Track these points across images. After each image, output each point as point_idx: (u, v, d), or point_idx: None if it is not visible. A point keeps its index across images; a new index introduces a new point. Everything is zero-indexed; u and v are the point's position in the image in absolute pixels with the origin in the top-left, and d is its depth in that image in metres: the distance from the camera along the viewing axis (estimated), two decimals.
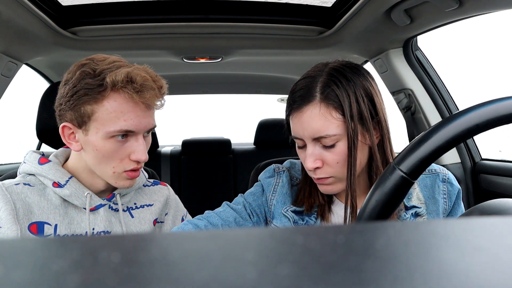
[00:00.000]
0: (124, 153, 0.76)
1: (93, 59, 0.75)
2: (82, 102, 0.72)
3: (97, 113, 0.72)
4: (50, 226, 0.78)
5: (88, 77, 0.72)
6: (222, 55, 1.77)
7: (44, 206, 0.78)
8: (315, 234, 0.18)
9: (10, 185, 0.77)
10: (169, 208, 0.96)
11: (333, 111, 0.70)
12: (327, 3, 1.46)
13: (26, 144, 2.35)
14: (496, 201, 0.45)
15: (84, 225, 0.80)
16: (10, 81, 1.54)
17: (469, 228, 0.20)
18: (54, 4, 1.36)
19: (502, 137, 2.67)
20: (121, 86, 0.71)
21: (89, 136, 0.74)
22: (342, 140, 0.71)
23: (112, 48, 1.62)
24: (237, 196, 0.88)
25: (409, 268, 0.14)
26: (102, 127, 0.73)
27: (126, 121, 0.73)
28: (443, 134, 0.40)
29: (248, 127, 2.87)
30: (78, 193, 0.80)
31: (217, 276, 0.14)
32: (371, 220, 0.42)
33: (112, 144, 0.74)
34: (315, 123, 0.70)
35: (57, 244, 0.18)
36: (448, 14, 1.15)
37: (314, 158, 0.72)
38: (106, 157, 0.75)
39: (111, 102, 0.72)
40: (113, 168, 0.76)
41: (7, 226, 0.73)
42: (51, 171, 0.80)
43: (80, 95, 0.72)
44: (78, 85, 0.72)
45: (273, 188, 0.83)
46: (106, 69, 0.73)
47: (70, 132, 0.77)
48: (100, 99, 0.72)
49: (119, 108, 0.72)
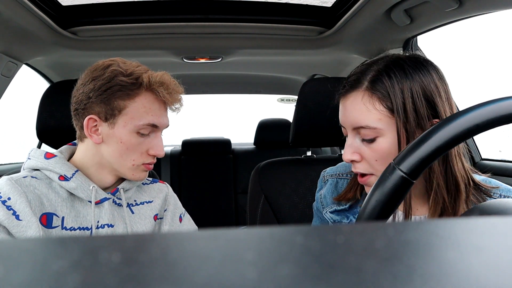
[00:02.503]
0: (144, 147, 0.83)
1: (116, 61, 0.83)
2: (115, 97, 0.79)
3: (128, 108, 0.80)
4: (58, 218, 0.79)
5: (121, 75, 0.80)
6: (222, 55, 1.77)
7: (52, 198, 0.80)
8: (315, 234, 0.18)
9: (18, 178, 0.79)
10: (168, 204, 0.98)
11: (376, 101, 0.66)
12: (327, 3, 1.46)
13: (26, 144, 2.35)
14: (496, 201, 0.45)
15: (90, 218, 0.82)
16: (10, 81, 1.54)
17: (469, 228, 0.20)
18: (54, 4, 1.36)
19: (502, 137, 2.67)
20: (156, 86, 0.81)
21: (115, 129, 0.81)
22: (384, 136, 0.66)
23: (112, 48, 1.62)
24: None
25: (409, 268, 0.14)
26: (131, 120, 0.80)
27: (153, 116, 0.82)
28: (443, 134, 0.40)
29: (248, 127, 2.87)
30: (84, 186, 0.82)
31: (217, 276, 0.14)
32: (371, 220, 0.42)
33: (136, 138, 0.81)
34: (356, 111, 0.67)
35: (57, 244, 0.18)
36: (448, 14, 1.15)
37: (352, 150, 0.69)
38: (129, 150, 0.81)
39: (143, 99, 0.81)
40: (133, 161, 0.83)
41: (27, 219, 0.74)
42: (58, 164, 0.82)
43: (114, 90, 0.79)
44: (112, 81, 0.79)
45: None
46: (136, 71, 0.82)
47: (93, 124, 0.82)
48: (132, 96, 0.80)
49: (149, 105, 0.81)
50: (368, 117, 0.66)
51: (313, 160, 1.20)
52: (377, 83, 0.66)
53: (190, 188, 2.42)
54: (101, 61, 0.84)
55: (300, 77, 2.26)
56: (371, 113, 0.66)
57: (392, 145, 0.66)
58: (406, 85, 0.65)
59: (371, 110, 0.66)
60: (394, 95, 0.64)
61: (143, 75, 0.81)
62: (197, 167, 2.47)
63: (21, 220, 0.74)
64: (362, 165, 0.69)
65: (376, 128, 0.65)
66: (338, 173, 0.85)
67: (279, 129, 2.40)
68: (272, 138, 2.41)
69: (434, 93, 0.65)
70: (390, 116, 0.65)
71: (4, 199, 0.75)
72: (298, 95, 1.16)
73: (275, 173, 1.15)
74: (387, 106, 0.65)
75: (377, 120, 0.65)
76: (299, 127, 1.13)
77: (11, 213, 0.74)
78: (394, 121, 0.65)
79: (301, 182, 1.12)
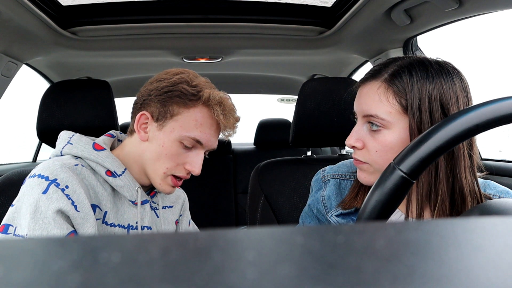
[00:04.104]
0: (182, 160, 0.82)
1: (188, 72, 0.84)
2: (173, 101, 0.80)
3: (181, 115, 0.80)
4: (101, 211, 0.77)
5: (185, 84, 0.81)
6: (222, 55, 1.77)
7: (99, 191, 0.77)
8: (315, 234, 0.18)
9: (71, 165, 0.74)
10: (184, 210, 1.01)
11: (391, 95, 0.67)
12: (327, 3, 1.46)
13: (26, 144, 2.35)
14: (496, 201, 0.45)
15: (127, 217, 0.81)
16: (10, 81, 1.54)
17: (469, 228, 0.20)
18: (54, 4, 1.36)
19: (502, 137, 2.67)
20: (211, 104, 0.81)
21: (162, 132, 0.80)
22: (390, 129, 0.67)
23: (112, 48, 1.62)
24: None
25: (409, 268, 0.14)
26: (179, 128, 0.80)
27: (201, 132, 0.81)
28: (443, 134, 0.40)
29: (248, 127, 2.87)
30: (130, 185, 0.81)
31: (217, 276, 0.14)
32: (371, 220, 0.42)
33: (177, 148, 0.80)
34: (369, 99, 0.69)
35: (57, 244, 0.18)
36: (448, 14, 1.15)
37: (357, 137, 0.71)
38: (167, 156, 0.80)
39: (197, 112, 0.80)
40: (166, 169, 0.81)
41: (85, 211, 0.70)
42: (108, 159, 0.79)
43: (173, 94, 0.80)
44: (175, 86, 0.80)
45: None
46: (201, 84, 0.82)
47: (144, 121, 0.82)
48: (189, 105, 0.80)
49: (201, 120, 0.81)
50: (379, 108, 0.67)
51: (313, 160, 1.20)
52: (396, 78, 0.67)
53: (190, 188, 2.42)
54: (176, 69, 0.85)
55: (300, 77, 2.26)
56: (383, 104, 0.67)
57: (395, 140, 0.67)
58: (425, 87, 0.65)
59: (384, 101, 0.67)
60: (411, 93, 0.65)
61: (205, 90, 0.81)
62: None
63: (79, 212, 0.70)
64: (362, 153, 0.71)
65: (384, 119, 0.67)
66: (340, 173, 0.85)
67: (279, 129, 2.40)
68: (272, 138, 2.41)
69: (451, 101, 0.65)
70: (401, 112, 0.66)
71: (63, 187, 0.69)
72: (298, 95, 1.16)
73: (275, 173, 1.15)
74: (400, 102, 0.66)
75: (387, 113, 0.67)
76: (299, 127, 1.13)
77: (71, 203, 0.69)
78: (404, 118, 0.66)
79: (301, 182, 1.12)
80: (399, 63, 0.69)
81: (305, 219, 0.88)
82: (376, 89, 0.68)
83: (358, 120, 0.72)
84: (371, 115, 0.68)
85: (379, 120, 0.67)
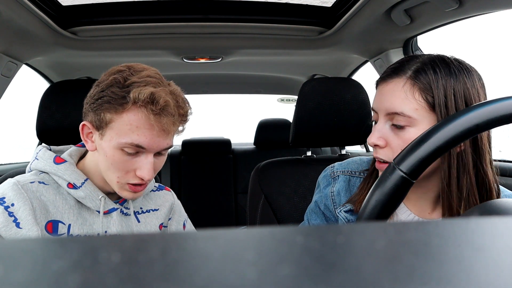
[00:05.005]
0: (130, 166, 0.76)
1: (130, 67, 0.76)
2: (104, 108, 0.73)
3: (114, 122, 0.73)
4: (64, 225, 0.77)
5: (116, 86, 0.73)
6: (222, 55, 1.77)
7: (59, 205, 0.78)
8: (315, 234, 0.18)
9: (26, 183, 0.76)
10: (173, 213, 0.97)
11: (417, 92, 0.66)
12: (327, 3, 1.46)
13: (26, 144, 2.35)
14: (496, 201, 0.45)
15: (97, 227, 0.80)
16: (10, 81, 1.54)
17: (469, 228, 0.20)
18: (54, 4, 1.36)
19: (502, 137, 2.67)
20: (141, 104, 0.71)
21: (103, 142, 0.76)
22: (415, 127, 0.66)
23: (112, 48, 1.62)
24: None
25: (409, 268, 0.14)
26: (116, 136, 0.73)
27: (139, 136, 0.73)
28: (443, 134, 0.40)
29: (248, 127, 2.87)
30: (92, 195, 0.80)
31: (217, 276, 0.14)
32: (371, 220, 0.42)
33: (120, 156, 0.74)
34: (394, 97, 0.68)
35: (57, 244, 0.18)
36: (448, 14, 1.15)
37: (379, 135, 0.70)
38: (113, 166, 0.76)
39: (130, 116, 0.72)
40: (118, 178, 0.77)
41: (28, 228, 0.72)
42: (67, 172, 0.79)
43: (103, 101, 0.73)
44: (105, 91, 0.74)
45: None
46: (135, 82, 0.73)
47: (88, 131, 0.79)
48: (120, 110, 0.72)
49: (136, 123, 0.72)
50: (405, 105, 0.67)
51: (313, 160, 1.20)
52: (421, 74, 0.67)
53: (190, 188, 2.42)
54: (118, 66, 0.77)
55: (300, 77, 2.26)
56: (409, 102, 0.66)
57: None
58: (449, 83, 0.65)
59: (410, 99, 0.67)
60: (437, 90, 0.65)
61: (134, 89, 0.71)
62: (197, 167, 2.47)
63: (21, 228, 0.72)
64: (384, 152, 0.70)
65: (410, 117, 0.66)
66: (350, 170, 0.84)
67: (279, 129, 2.40)
68: (272, 138, 2.41)
69: (474, 97, 0.66)
70: (427, 109, 0.66)
71: (8, 205, 0.73)
72: (298, 95, 1.16)
73: (275, 173, 1.15)
74: (426, 99, 0.66)
75: (413, 110, 0.66)
76: (299, 127, 1.13)
77: (12, 220, 0.72)
78: (429, 115, 0.66)
79: (301, 182, 1.12)
80: (421, 59, 0.69)
81: (310, 216, 0.88)
82: (402, 86, 0.68)
83: (380, 118, 0.71)
84: (397, 112, 0.67)
85: (405, 118, 0.67)
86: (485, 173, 0.66)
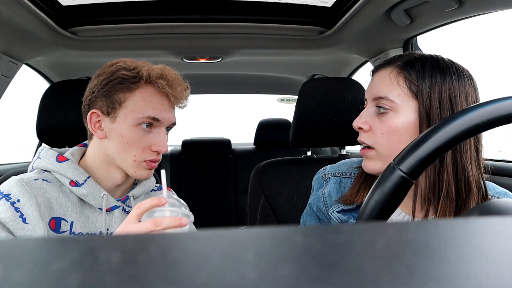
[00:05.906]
0: (146, 142, 0.81)
1: (124, 61, 0.83)
2: (116, 90, 0.80)
3: (128, 100, 0.80)
4: (66, 222, 0.78)
5: (123, 70, 0.80)
6: (222, 55, 1.77)
7: (62, 202, 0.79)
8: (315, 234, 0.18)
9: (29, 180, 0.78)
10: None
11: (401, 79, 0.70)
12: (327, 3, 1.46)
13: (26, 144, 2.35)
14: (496, 201, 0.45)
15: (99, 224, 0.82)
16: (10, 81, 1.54)
17: (469, 228, 0.20)
18: (54, 4, 1.36)
19: (502, 137, 2.67)
20: (155, 79, 0.80)
21: (116, 123, 0.80)
22: (397, 112, 0.70)
23: (112, 48, 1.62)
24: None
25: (409, 268, 0.14)
26: (131, 114, 0.79)
27: (154, 109, 0.80)
28: (443, 134, 0.40)
29: (248, 127, 2.87)
30: (94, 193, 0.81)
31: (217, 276, 0.14)
32: (371, 220, 0.42)
33: (137, 132, 0.80)
34: (380, 83, 0.72)
35: (57, 244, 0.18)
36: (448, 14, 1.15)
37: (364, 119, 0.73)
38: (130, 144, 0.80)
39: (143, 92, 0.80)
40: (134, 157, 0.81)
41: (34, 223, 0.73)
42: (70, 169, 0.81)
43: (114, 83, 0.80)
44: (114, 75, 0.80)
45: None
46: (140, 65, 0.81)
47: (97, 120, 0.82)
48: (133, 89, 0.80)
49: (149, 98, 0.80)
50: (389, 90, 0.70)
51: (313, 160, 1.20)
52: (409, 65, 0.71)
53: (190, 188, 2.42)
54: (110, 61, 0.84)
55: (300, 77, 2.26)
56: (393, 87, 0.70)
57: (401, 123, 0.69)
58: (435, 78, 0.68)
59: (394, 84, 0.70)
60: (422, 80, 0.68)
61: (144, 68, 0.80)
62: (197, 167, 2.47)
63: (28, 224, 0.73)
64: (368, 136, 0.73)
65: (393, 101, 0.70)
66: (340, 171, 0.86)
67: (279, 129, 2.40)
68: (272, 138, 2.41)
69: (460, 95, 0.68)
70: (410, 96, 0.69)
71: (14, 201, 0.74)
72: (298, 95, 1.16)
73: (275, 173, 1.14)
74: (410, 86, 0.69)
75: (396, 95, 0.70)
76: (299, 127, 1.13)
77: (18, 215, 0.73)
78: (412, 102, 0.69)
79: (301, 182, 1.12)
80: (414, 55, 0.73)
81: (305, 218, 0.89)
82: (388, 74, 0.72)
83: (368, 104, 0.75)
84: (381, 97, 0.71)
85: (388, 102, 0.70)
86: (465, 171, 0.66)
